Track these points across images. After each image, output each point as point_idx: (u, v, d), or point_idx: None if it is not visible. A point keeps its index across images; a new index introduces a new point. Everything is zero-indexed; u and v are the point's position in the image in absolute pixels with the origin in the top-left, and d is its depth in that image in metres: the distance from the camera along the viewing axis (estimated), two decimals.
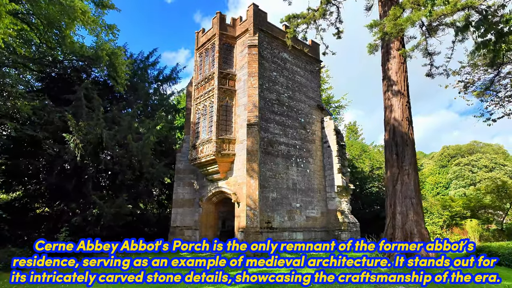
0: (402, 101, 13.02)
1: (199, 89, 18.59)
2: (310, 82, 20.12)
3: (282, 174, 16.52)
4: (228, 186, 16.69)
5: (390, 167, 12.70)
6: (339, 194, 18.25)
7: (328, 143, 19.23)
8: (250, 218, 13.37)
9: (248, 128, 14.65)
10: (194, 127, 18.39)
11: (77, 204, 13.96)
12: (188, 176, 19.26)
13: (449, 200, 22.84)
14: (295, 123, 18.18)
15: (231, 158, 16.53)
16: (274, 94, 17.47)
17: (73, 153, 13.38)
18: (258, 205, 13.53)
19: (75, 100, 14.33)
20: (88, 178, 14.29)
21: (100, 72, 20.76)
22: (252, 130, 14.64)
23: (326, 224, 18.11)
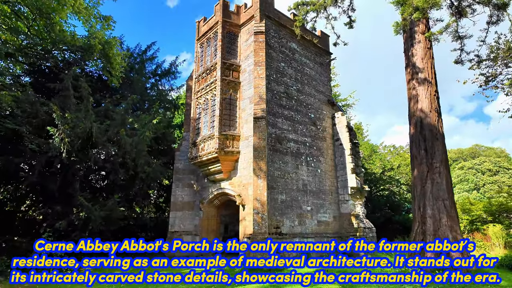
0: (430, 90, 11.52)
1: (200, 82, 17.11)
2: (320, 75, 18.65)
3: (291, 174, 14.97)
4: (231, 187, 15.13)
5: (418, 165, 11.16)
6: (352, 197, 16.67)
7: (340, 141, 17.70)
8: (258, 223, 11.80)
9: (255, 122, 13.13)
10: (194, 123, 16.88)
11: (62, 207, 12.39)
12: (187, 177, 17.70)
13: (467, 204, 21.25)
14: (305, 119, 16.67)
15: (235, 156, 14.99)
16: (282, 86, 15.98)
17: (58, 149, 11.85)
18: (266, 208, 11.97)
19: (61, 90, 12.82)
20: (75, 177, 12.74)
21: (93, 66, 19.34)
22: (259, 125, 13.11)
23: (339, 229, 16.51)
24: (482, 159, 56.03)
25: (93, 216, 11.95)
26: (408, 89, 12.15)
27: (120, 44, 21.17)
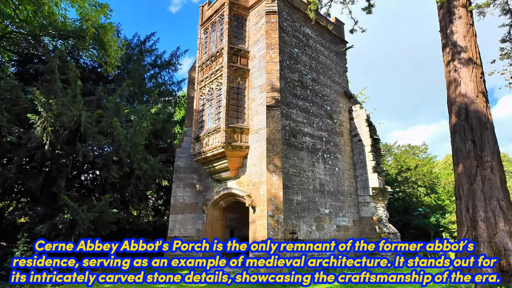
0: (476, 72, 9.84)
1: (203, 71, 15.44)
2: (336, 65, 17.00)
3: (307, 172, 13.22)
4: (239, 186, 13.38)
5: (464, 159, 9.42)
6: (374, 198, 14.91)
7: (359, 136, 15.98)
8: (273, 227, 10.02)
9: (268, 112, 11.41)
10: (197, 116, 15.17)
11: (44, 208, 10.61)
12: (189, 176, 15.95)
13: None
14: (321, 111, 14.97)
15: (244, 151, 13.26)
16: (296, 74, 14.30)
17: (39, 140, 10.12)
18: (282, 210, 10.21)
19: (46, 72, 11.11)
20: (61, 174, 10.98)
21: (88, 57, 17.71)
22: (273, 114, 11.39)
23: (359, 235, 14.71)
24: None
25: (80, 219, 10.16)
26: (447, 72, 10.47)
27: (117, 34, 19.60)
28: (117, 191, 13.51)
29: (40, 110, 10.31)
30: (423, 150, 24.29)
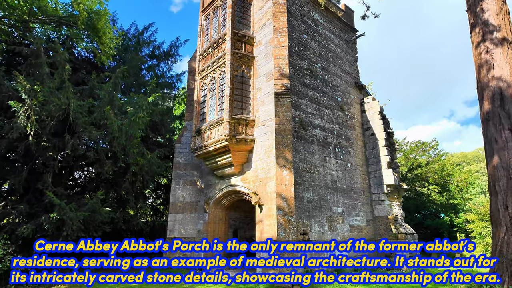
0: (511, 53, 8.79)
1: (205, 59, 14.36)
2: (346, 54, 15.92)
3: (318, 167, 12.14)
4: (244, 183, 12.30)
5: (500, 150, 8.36)
6: (389, 196, 13.84)
7: (372, 130, 14.90)
8: (284, 227, 8.95)
9: (277, 100, 10.33)
10: (198, 108, 14.09)
11: (28, 206, 9.52)
12: (189, 173, 14.88)
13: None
14: (331, 102, 13.89)
15: (249, 145, 12.19)
16: (305, 62, 13.23)
17: (22, 130, 9.03)
18: (294, 208, 9.14)
19: (31, 56, 10.03)
20: (47, 169, 9.89)
21: (82, 48, 16.63)
22: (282, 103, 10.31)
23: (373, 236, 13.63)
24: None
25: (67, 219, 9.08)
26: (477, 54, 9.40)
27: (113, 23, 18.52)
28: (112, 189, 12.42)
29: (24, 98, 9.24)
30: (433, 147, 23.23)
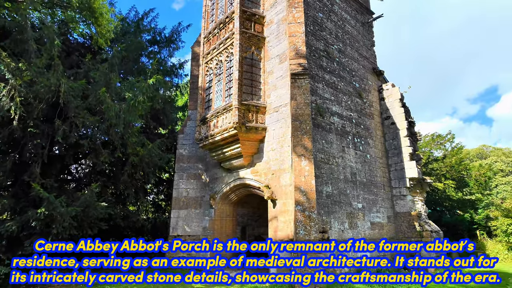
0: None
1: (210, 42, 13.17)
2: (363, 37, 14.70)
3: (337, 158, 10.98)
4: (255, 176, 11.17)
5: None
6: (411, 191, 12.68)
7: (392, 119, 13.71)
8: (304, 225, 7.81)
9: (293, 81, 9.13)
10: (203, 94, 12.93)
11: (14, 201, 8.42)
12: (194, 166, 13.77)
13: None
14: (349, 88, 12.70)
15: (260, 134, 11.04)
16: (321, 42, 12.02)
17: (5, 114, 7.90)
18: (315, 203, 7.99)
19: (16, 30, 8.86)
20: (35, 158, 8.76)
21: (79, 34, 15.45)
22: (300, 84, 9.12)
23: (395, 234, 12.50)
24: (493, 159, 52.54)
25: (57, 214, 7.96)
26: None
27: (110, 5, 17.32)
28: (109, 182, 11.30)
29: (7, 77, 8.09)
30: (449, 140, 22.01)
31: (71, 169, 11.61)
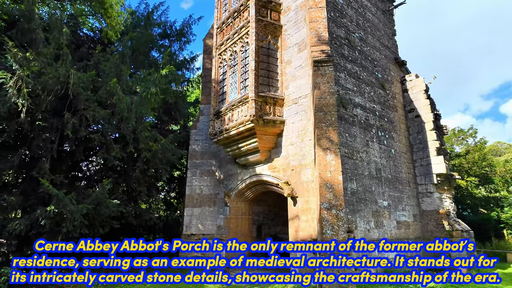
0: None
1: (223, 32, 12.58)
2: (384, 26, 13.91)
3: (361, 153, 10.29)
4: (272, 172, 10.56)
5: None
6: (438, 188, 11.90)
7: (416, 111, 12.92)
8: (331, 224, 7.17)
9: (316, 69, 8.47)
10: (217, 87, 12.36)
11: (22, 198, 8.00)
12: (207, 162, 13.24)
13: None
14: (371, 78, 11.96)
15: (278, 127, 10.42)
16: (342, 30, 11.31)
17: (12, 106, 7.45)
18: (343, 201, 7.34)
19: (23, 18, 8.42)
20: (44, 153, 8.32)
21: (89, 29, 15.06)
22: (324, 71, 8.45)
23: (422, 234, 11.74)
24: (510, 155, 50.94)
25: (67, 212, 7.50)
26: None
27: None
28: (120, 179, 10.84)
29: (14, 67, 7.65)
30: (471, 135, 20.99)
31: (82, 166, 11.18)
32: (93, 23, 15.24)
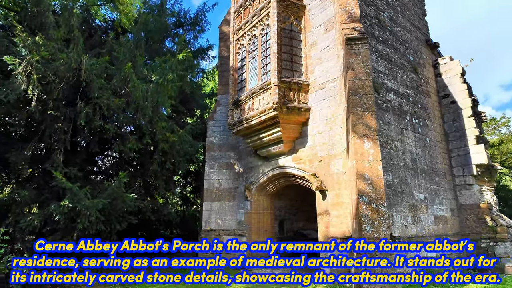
0: None
1: (241, 16, 11.80)
2: (414, 5, 12.83)
3: (395, 141, 9.40)
4: (297, 164, 9.81)
5: None
6: (478, 179, 10.87)
7: (451, 97, 11.86)
8: (371, 219, 6.39)
9: (349, 47, 7.61)
10: (235, 75, 11.62)
11: (35, 192, 7.53)
12: (225, 155, 12.60)
13: None
14: (403, 61, 10.98)
15: (303, 115, 9.64)
16: (371, 8, 10.35)
17: (22, 93, 6.95)
18: (384, 194, 6.54)
19: (32, 2, 7.87)
20: (57, 144, 7.83)
21: (102, 21, 14.57)
22: (358, 50, 7.58)
23: (460, 229, 10.79)
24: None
25: (82, 207, 6.97)
26: None
27: None
28: (137, 172, 10.31)
29: (23, 53, 7.13)
30: (504, 124, 19.61)
31: (97, 160, 10.72)
32: (105, 13, 14.78)
